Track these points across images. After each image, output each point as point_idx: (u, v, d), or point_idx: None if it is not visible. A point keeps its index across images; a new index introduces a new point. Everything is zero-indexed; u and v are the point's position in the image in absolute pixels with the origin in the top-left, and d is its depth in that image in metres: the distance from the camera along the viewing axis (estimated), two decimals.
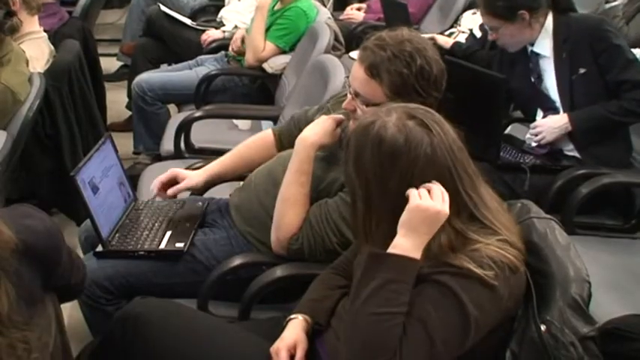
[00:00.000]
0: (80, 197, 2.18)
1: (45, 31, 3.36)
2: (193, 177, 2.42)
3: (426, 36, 3.34)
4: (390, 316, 1.52)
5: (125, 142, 3.88)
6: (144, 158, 3.90)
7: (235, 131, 3.52)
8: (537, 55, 2.87)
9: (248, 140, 2.56)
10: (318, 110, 2.40)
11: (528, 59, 2.91)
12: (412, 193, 1.56)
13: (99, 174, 2.30)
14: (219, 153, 3.18)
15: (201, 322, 1.87)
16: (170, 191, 2.38)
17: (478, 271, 1.53)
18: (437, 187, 1.56)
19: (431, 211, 1.53)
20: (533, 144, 2.90)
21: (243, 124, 3.52)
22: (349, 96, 2.07)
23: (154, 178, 2.90)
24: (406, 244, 1.55)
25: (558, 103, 2.85)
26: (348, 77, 2.14)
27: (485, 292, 1.54)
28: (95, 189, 2.26)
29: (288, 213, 2.10)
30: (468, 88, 2.75)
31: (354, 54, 4.15)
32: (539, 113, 2.96)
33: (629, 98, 2.72)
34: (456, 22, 4.32)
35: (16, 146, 2.61)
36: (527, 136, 2.94)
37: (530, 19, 2.79)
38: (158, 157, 3.63)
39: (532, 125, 2.93)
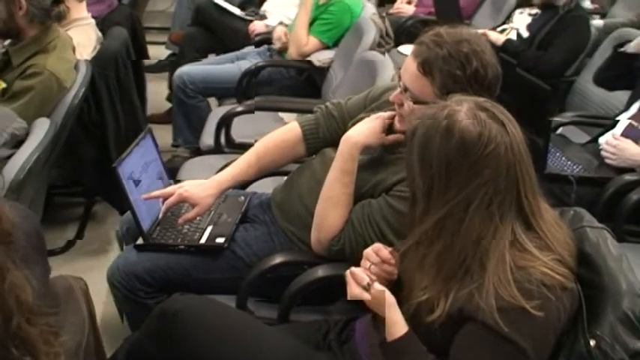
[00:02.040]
0: (121, 189, 2.16)
1: (93, 17, 3.35)
2: (204, 202, 2.23)
3: (478, 31, 3.27)
4: None
5: (164, 135, 3.85)
6: (182, 151, 3.87)
7: (279, 124, 3.47)
8: None
9: (270, 142, 2.34)
10: (365, 107, 2.29)
11: None
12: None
13: (139, 169, 2.29)
14: None
15: (239, 322, 1.84)
16: (181, 220, 2.25)
17: (526, 302, 1.47)
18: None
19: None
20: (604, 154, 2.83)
21: (289, 117, 3.47)
22: (398, 89, 2.01)
23: (193, 172, 2.91)
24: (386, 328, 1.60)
25: None
26: (399, 69, 2.06)
27: (538, 322, 1.48)
28: (137, 182, 2.24)
29: (330, 214, 2.04)
30: (517, 92, 2.67)
31: (403, 48, 4.10)
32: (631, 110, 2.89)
33: None
34: (508, 18, 4.23)
35: (61, 134, 2.61)
36: (603, 145, 2.86)
37: None
38: (197, 151, 3.61)
39: (615, 136, 2.84)
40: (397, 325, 1.57)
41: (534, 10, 3.98)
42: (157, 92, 4.58)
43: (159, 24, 5.97)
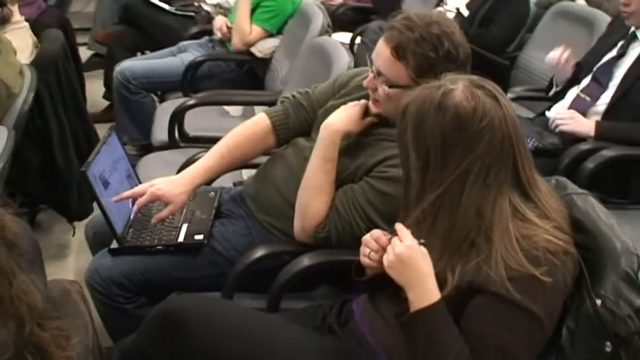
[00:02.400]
0: (92, 193, 2.11)
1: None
2: (177, 200, 2.17)
3: None
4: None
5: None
6: (129, 149, 3.73)
7: (227, 117, 3.45)
8: (635, 37, 2.87)
9: (240, 135, 2.30)
10: (333, 94, 2.28)
11: (622, 37, 2.92)
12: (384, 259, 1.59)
13: (108, 168, 2.23)
14: (213, 141, 3.11)
15: (241, 315, 1.81)
16: (154, 220, 2.19)
17: (535, 269, 1.50)
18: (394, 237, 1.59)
19: (395, 261, 1.57)
20: (559, 121, 2.88)
21: (235, 110, 3.45)
22: (371, 74, 2.02)
23: (150, 169, 2.84)
24: (415, 297, 1.56)
25: (612, 83, 2.84)
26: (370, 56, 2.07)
27: (548, 288, 1.51)
28: (106, 184, 2.18)
29: (315, 202, 2.03)
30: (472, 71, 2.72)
31: (337, 36, 4.11)
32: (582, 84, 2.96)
33: None
34: (441, 0, 4.28)
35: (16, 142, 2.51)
36: (556, 114, 2.93)
37: None
38: (144, 148, 3.54)
39: (563, 108, 2.91)
40: (432, 292, 1.56)
41: None
42: (91, 90, 4.43)
43: (76, 25, 5.78)
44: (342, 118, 2.05)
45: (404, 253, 1.56)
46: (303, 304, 2.09)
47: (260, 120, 2.33)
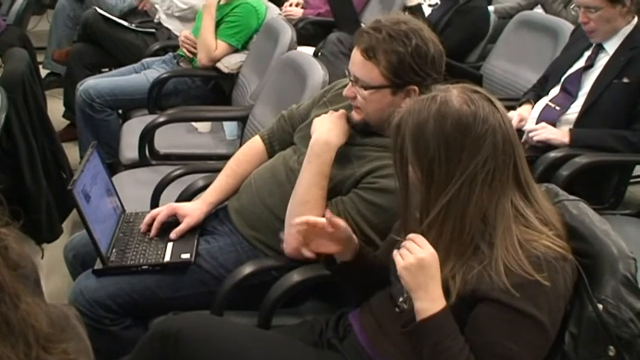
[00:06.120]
0: (79, 211, 2.05)
1: None
2: (194, 213, 2.27)
3: None
4: None
5: (70, 152, 3.68)
6: None
7: (195, 134, 3.42)
8: (602, 48, 2.91)
9: (237, 154, 2.42)
10: (313, 104, 2.32)
11: (587, 47, 2.95)
12: (395, 258, 1.55)
13: (89, 182, 2.18)
14: (185, 158, 3.10)
15: (241, 332, 1.79)
16: (173, 235, 2.23)
17: (537, 274, 1.51)
18: (408, 242, 1.55)
19: (415, 265, 1.53)
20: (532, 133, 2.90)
21: (203, 126, 3.41)
22: (349, 83, 2.03)
23: (124, 187, 2.78)
24: (424, 304, 1.53)
25: (581, 92, 2.88)
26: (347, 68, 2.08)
27: (550, 293, 1.52)
28: (87, 197, 2.14)
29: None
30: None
31: (299, 50, 4.10)
32: (551, 94, 2.98)
33: (637, 129, 2.77)
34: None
35: None
36: (528, 125, 2.96)
37: (630, 5, 2.81)
38: (109, 166, 3.47)
39: (532, 120, 2.96)
40: (440, 298, 1.54)
41: (434, 1, 4.09)
42: (50, 110, 4.28)
43: None
44: (336, 132, 2.04)
45: (426, 259, 1.53)
46: (292, 320, 2.08)
47: (254, 139, 2.44)
